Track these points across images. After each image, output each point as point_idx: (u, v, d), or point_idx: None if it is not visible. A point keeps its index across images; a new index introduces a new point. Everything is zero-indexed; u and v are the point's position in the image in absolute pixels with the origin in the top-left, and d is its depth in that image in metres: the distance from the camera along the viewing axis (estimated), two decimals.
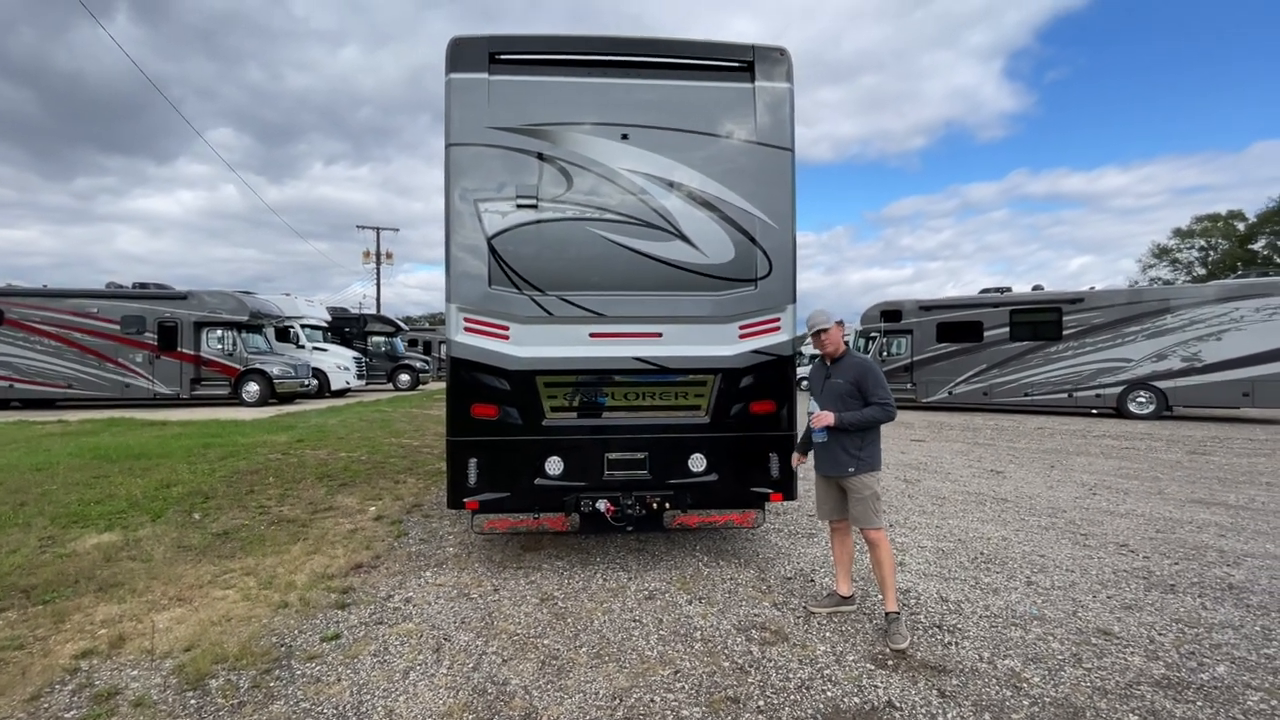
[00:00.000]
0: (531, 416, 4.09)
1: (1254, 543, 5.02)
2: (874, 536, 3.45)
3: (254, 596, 3.84)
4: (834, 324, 3.58)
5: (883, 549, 3.45)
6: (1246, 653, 3.17)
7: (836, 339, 3.60)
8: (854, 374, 3.49)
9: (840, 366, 3.59)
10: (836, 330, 3.60)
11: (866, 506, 3.47)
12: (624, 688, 2.82)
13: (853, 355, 3.64)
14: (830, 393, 3.56)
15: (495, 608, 3.70)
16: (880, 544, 3.45)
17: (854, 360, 3.59)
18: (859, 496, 3.48)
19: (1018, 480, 7.66)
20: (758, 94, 4.23)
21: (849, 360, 3.60)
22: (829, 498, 3.71)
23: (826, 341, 3.57)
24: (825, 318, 3.55)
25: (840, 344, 3.63)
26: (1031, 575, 4.28)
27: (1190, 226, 45.75)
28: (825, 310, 3.60)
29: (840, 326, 3.63)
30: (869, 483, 3.47)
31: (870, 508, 3.46)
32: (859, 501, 3.48)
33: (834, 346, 3.60)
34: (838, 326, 3.62)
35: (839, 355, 3.62)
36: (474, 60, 4.07)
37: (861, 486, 3.47)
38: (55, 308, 16.56)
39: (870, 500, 3.46)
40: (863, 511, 3.47)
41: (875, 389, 3.43)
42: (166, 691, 2.78)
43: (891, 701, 2.72)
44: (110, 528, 5.23)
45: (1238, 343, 13.76)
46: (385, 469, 7.99)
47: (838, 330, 3.61)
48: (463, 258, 4.06)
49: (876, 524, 3.45)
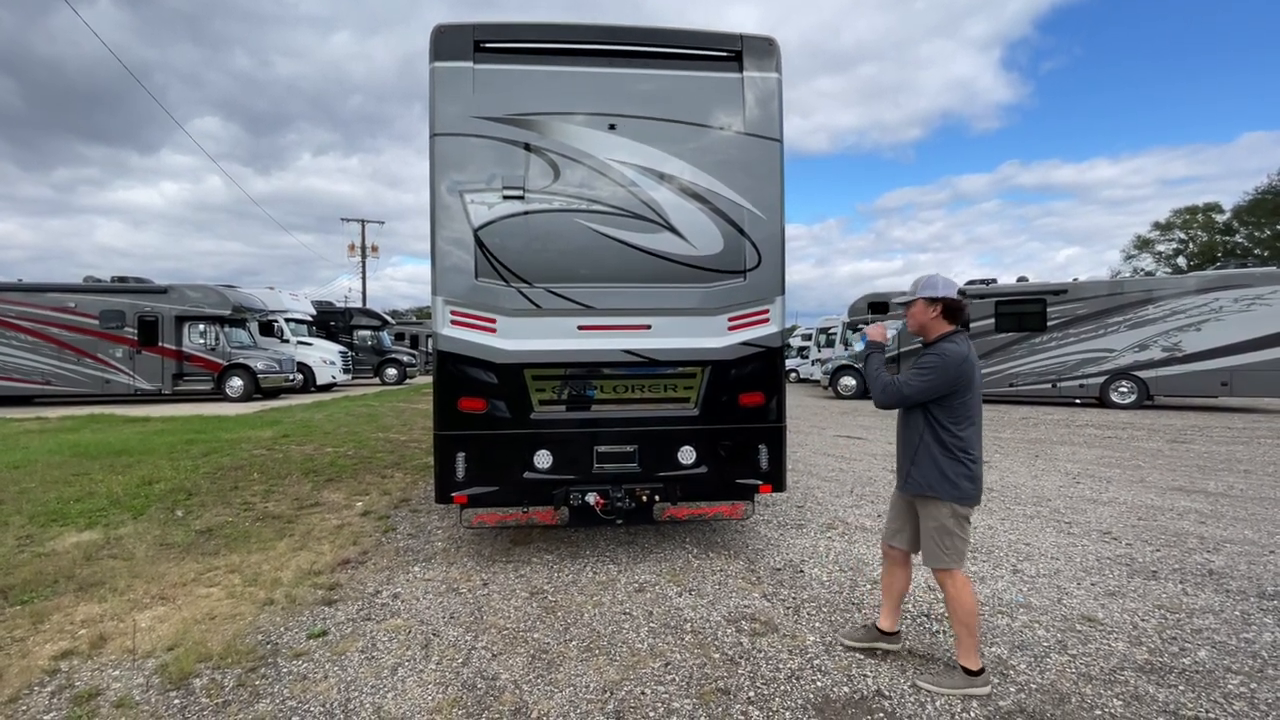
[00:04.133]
0: (520, 410, 4.05)
1: (1233, 529, 5.11)
2: (939, 579, 2.83)
3: (239, 594, 3.79)
4: (918, 298, 2.82)
5: (951, 592, 2.75)
6: (1226, 637, 3.23)
7: (917, 317, 2.85)
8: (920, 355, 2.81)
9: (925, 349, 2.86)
10: (919, 308, 2.83)
11: (929, 539, 2.80)
12: (615, 680, 2.82)
13: (943, 343, 2.76)
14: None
15: (484, 602, 3.68)
16: (947, 586, 2.77)
17: (936, 347, 2.77)
18: (927, 526, 2.81)
19: (1003, 469, 7.74)
20: (746, 84, 4.20)
21: (933, 345, 2.80)
22: (894, 513, 3.06)
23: (908, 318, 2.89)
24: (917, 286, 2.85)
25: (924, 324, 2.84)
26: (1017, 563, 4.33)
27: (1169, 219, 46.44)
28: (931, 277, 2.84)
29: (930, 307, 2.80)
30: (935, 513, 2.77)
31: (935, 542, 2.77)
32: (926, 534, 2.82)
33: (914, 326, 2.87)
34: (924, 305, 2.81)
35: (929, 342, 2.84)
36: (459, 48, 4.00)
37: (926, 514, 2.81)
38: (32, 303, 16.23)
39: (935, 534, 2.76)
40: (930, 546, 2.80)
41: (909, 366, 2.81)
42: (149, 692, 2.73)
43: (880, 690, 2.74)
44: (90, 526, 5.14)
45: (1217, 333, 13.99)
46: (372, 464, 7.92)
47: (920, 309, 2.83)
48: (449, 250, 4.00)
49: (942, 562, 2.75)
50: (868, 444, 9.90)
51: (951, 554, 2.75)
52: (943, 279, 2.82)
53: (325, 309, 25.22)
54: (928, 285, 2.82)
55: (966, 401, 2.72)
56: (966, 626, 2.74)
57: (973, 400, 2.74)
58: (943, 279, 2.82)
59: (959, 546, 2.75)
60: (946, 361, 2.68)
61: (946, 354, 2.69)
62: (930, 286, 2.81)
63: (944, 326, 2.80)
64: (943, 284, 2.81)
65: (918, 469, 2.81)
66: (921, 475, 2.79)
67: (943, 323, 2.80)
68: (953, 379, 2.68)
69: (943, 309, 2.79)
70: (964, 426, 2.72)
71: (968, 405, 2.73)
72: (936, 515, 2.77)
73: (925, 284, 2.83)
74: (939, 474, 2.74)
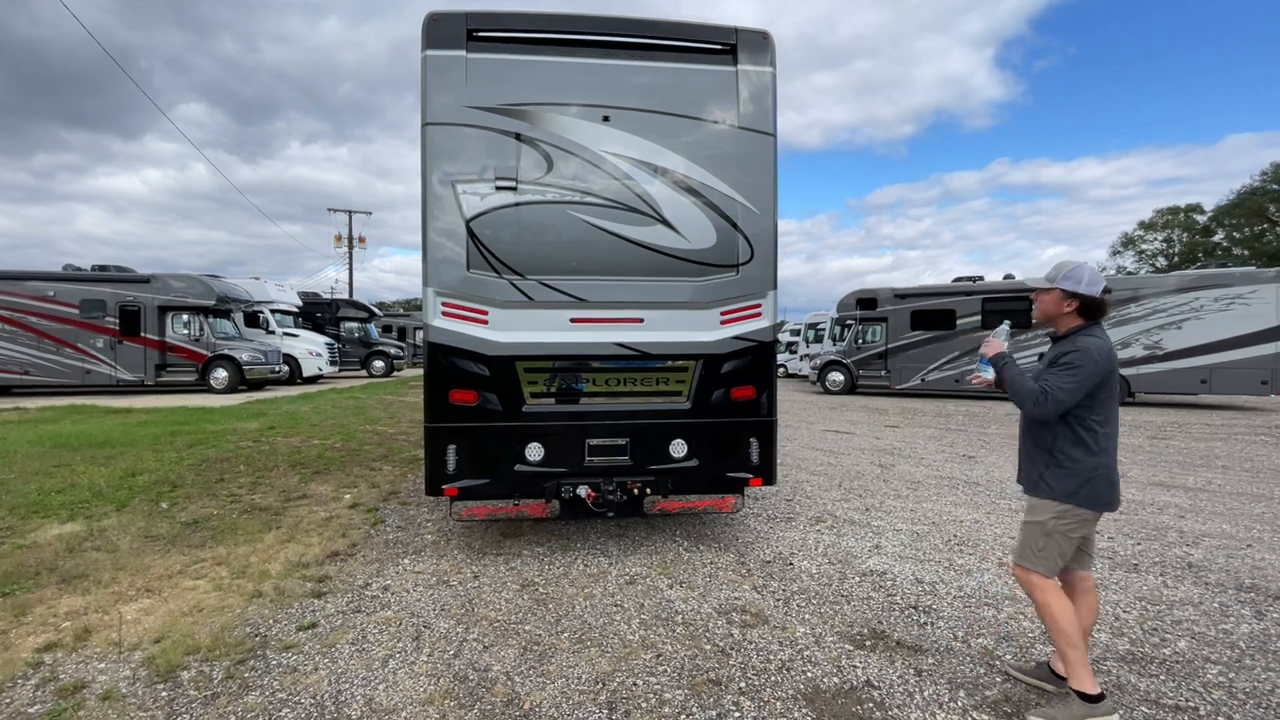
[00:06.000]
0: (511, 402, 4.04)
1: (1211, 523, 5.22)
2: (1018, 576, 2.59)
3: (226, 586, 3.75)
4: (1054, 288, 2.51)
5: (1038, 599, 2.51)
6: (1205, 628, 3.30)
7: (1049, 308, 2.57)
8: (1057, 351, 2.54)
9: (1058, 343, 2.59)
10: (1050, 299, 2.54)
11: (1024, 535, 2.59)
12: (606, 672, 2.83)
13: (1078, 336, 2.49)
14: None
15: (475, 594, 3.68)
16: (1033, 592, 2.53)
17: (1073, 341, 2.49)
18: (1026, 520, 2.62)
19: (989, 465, 7.84)
20: (740, 77, 4.19)
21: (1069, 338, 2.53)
22: None
23: (1037, 304, 2.62)
24: (1057, 274, 2.53)
25: (1054, 316, 2.57)
26: (1003, 556, 4.39)
27: (1153, 219, 47.18)
28: (1076, 267, 2.50)
29: (1067, 300, 2.50)
30: (1040, 511, 2.54)
31: (1028, 539, 2.56)
32: (1023, 528, 2.62)
33: (1042, 315, 2.62)
34: (1056, 297, 2.51)
35: (1060, 334, 2.59)
36: (451, 37, 3.96)
37: (1038, 507, 2.57)
38: (10, 291, 15.91)
39: (1032, 531, 2.55)
40: (1022, 541, 2.60)
41: (1052, 367, 2.48)
42: (136, 684, 2.70)
43: (870, 681, 2.77)
44: (73, 518, 5.07)
45: (1197, 331, 14.23)
46: (360, 456, 7.87)
47: (1053, 300, 2.53)
48: (440, 241, 3.97)
49: (1026, 562, 2.54)
50: (855, 438, 9.98)
51: (1043, 558, 2.49)
52: (1090, 271, 2.48)
53: (312, 300, 24.95)
54: (1070, 276, 2.48)
55: (1111, 397, 2.47)
56: (1067, 638, 2.43)
57: (1115, 397, 2.49)
58: (1090, 271, 2.48)
59: (1054, 554, 2.49)
60: (1089, 355, 2.39)
61: (1089, 349, 2.40)
62: (1073, 279, 2.47)
63: (1076, 321, 2.53)
64: (1089, 278, 2.46)
65: (1054, 473, 2.50)
66: (1059, 481, 2.48)
67: (1076, 318, 2.53)
68: (1102, 371, 2.40)
69: (1079, 305, 2.49)
70: (1108, 425, 2.47)
71: (1111, 402, 2.48)
72: (1041, 515, 2.52)
73: (1068, 274, 2.48)
74: (1080, 479, 2.44)
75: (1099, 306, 2.50)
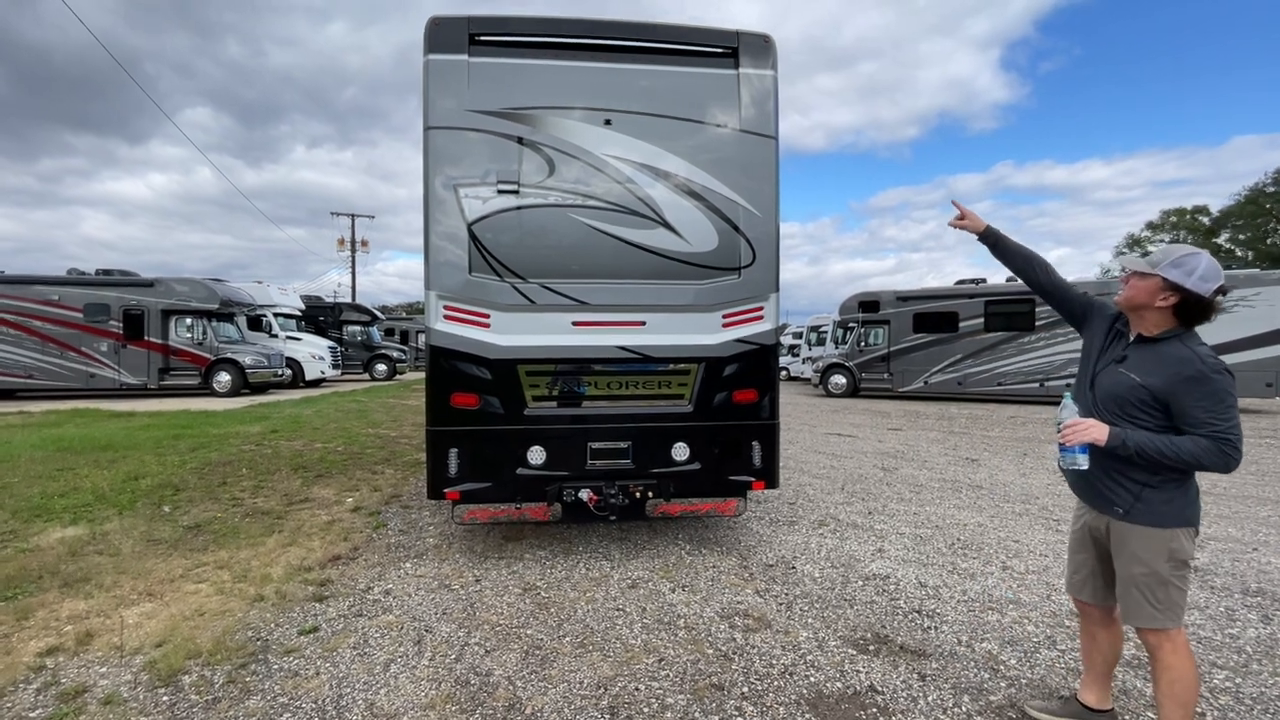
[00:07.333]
0: (513, 406, 4.04)
1: (1216, 526, 5.18)
2: (1152, 641, 2.06)
3: (228, 590, 3.75)
4: (1155, 273, 1.98)
5: (1167, 659, 2.04)
6: (1211, 633, 3.27)
7: (1140, 293, 2.04)
8: (1167, 374, 1.98)
9: (1148, 351, 2.06)
10: (1146, 285, 2.02)
11: (1141, 589, 2.04)
12: (609, 676, 2.82)
13: (1184, 343, 2.00)
14: (1111, 387, 2.11)
15: (477, 598, 3.67)
16: (1161, 651, 2.04)
17: (1178, 352, 1.98)
18: (1131, 571, 2.07)
19: (992, 468, 7.81)
20: (742, 81, 4.20)
21: (1169, 349, 2.01)
22: (1084, 556, 2.30)
23: (1126, 286, 2.09)
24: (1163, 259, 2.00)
25: (1143, 306, 2.05)
26: (1007, 560, 4.37)
27: (1159, 220, 47.20)
28: (1191, 255, 1.97)
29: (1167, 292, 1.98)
30: (1154, 545, 2.02)
31: (1148, 592, 2.03)
32: (1128, 581, 2.07)
33: (1126, 300, 2.09)
34: (1155, 285, 1.99)
35: (1152, 335, 2.07)
36: (453, 41, 3.97)
37: (1140, 549, 2.04)
38: (14, 295, 16.00)
39: (1149, 582, 2.03)
40: (1135, 599, 2.06)
41: (1204, 411, 1.92)
42: (137, 688, 2.70)
43: (874, 685, 2.76)
44: (75, 521, 5.07)
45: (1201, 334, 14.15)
46: (362, 460, 7.87)
47: (1148, 289, 2.01)
48: (442, 244, 3.98)
49: (1158, 621, 2.02)
50: (858, 441, 9.95)
51: (1168, 608, 2.01)
52: (1208, 263, 1.95)
53: (314, 304, 25.06)
54: (1181, 264, 1.95)
55: None
56: (1183, 708, 2.00)
57: None
58: (1208, 263, 1.95)
59: (1176, 598, 2.01)
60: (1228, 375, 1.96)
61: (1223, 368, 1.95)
62: (1184, 268, 1.95)
63: (1170, 323, 2.03)
64: (1203, 270, 1.94)
65: (1161, 492, 2.03)
66: (1169, 503, 2.03)
67: (1171, 318, 2.03)
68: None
69: (1179, 302, 1.98)
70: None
71: None
72: (1158, 551, 2.02)
73: (1177, 261, 1.96)
74: (1189, 496, 2.05)
75: (1204, 309, 1.99)
